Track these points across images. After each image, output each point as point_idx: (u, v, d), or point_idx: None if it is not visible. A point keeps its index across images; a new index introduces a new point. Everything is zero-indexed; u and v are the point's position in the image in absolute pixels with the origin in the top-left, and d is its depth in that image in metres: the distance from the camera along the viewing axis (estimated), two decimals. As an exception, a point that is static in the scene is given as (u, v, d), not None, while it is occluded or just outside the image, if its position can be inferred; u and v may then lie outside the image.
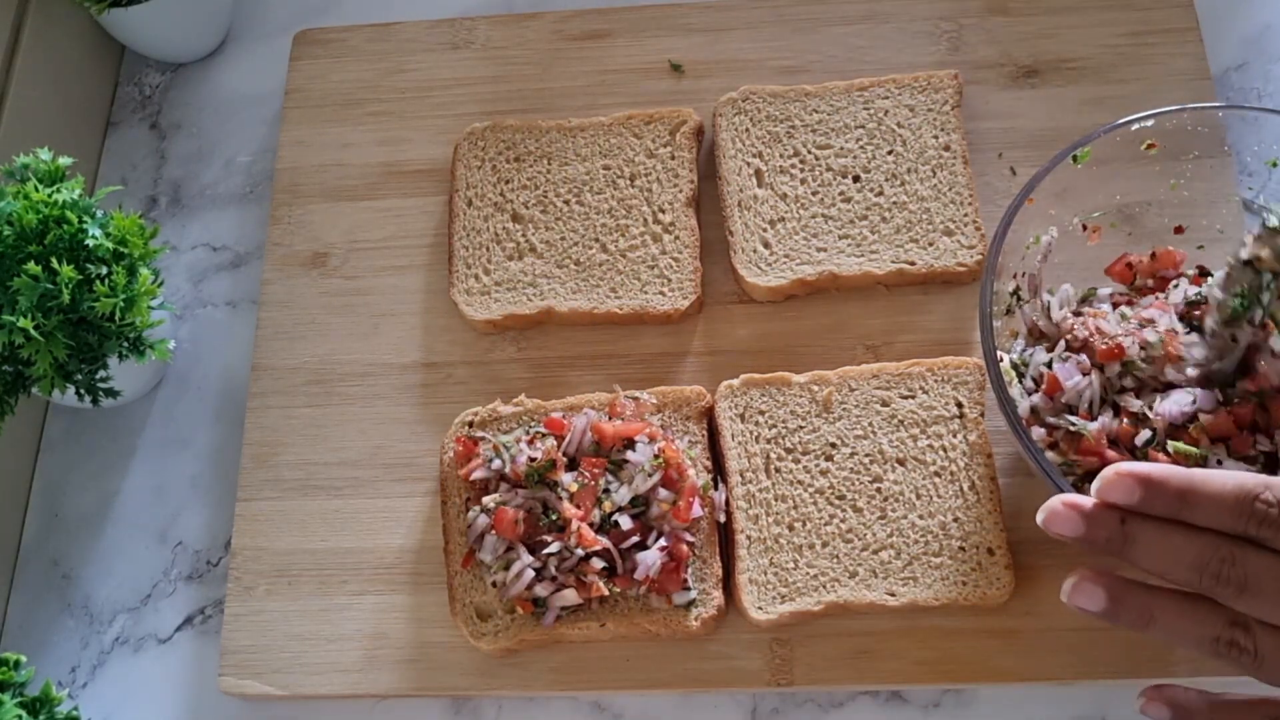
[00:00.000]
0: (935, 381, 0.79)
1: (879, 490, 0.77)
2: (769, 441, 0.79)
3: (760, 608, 0.74)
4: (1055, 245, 0.77)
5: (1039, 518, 0.55)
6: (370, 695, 0.78)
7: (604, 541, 0.73)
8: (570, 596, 0.73)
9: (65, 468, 0.89)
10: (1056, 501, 0.55)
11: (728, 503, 0.77)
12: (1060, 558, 0.76)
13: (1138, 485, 0.53)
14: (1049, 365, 0.73)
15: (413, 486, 0.83)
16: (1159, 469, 0.53)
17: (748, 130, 0.88)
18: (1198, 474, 0.53)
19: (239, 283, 0.94)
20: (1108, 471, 0.54)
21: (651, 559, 0.73)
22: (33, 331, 0.72)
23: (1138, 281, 0.78)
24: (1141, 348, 0.71)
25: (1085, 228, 0.78)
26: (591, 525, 0.74)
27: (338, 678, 0.78)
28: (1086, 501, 0.55)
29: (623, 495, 0.74)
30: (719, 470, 0.79)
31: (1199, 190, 0.77)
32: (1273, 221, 0.64)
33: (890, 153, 0.87)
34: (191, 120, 1.00)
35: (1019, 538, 0.76)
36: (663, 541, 0.74)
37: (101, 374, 0.80)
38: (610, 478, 0.75)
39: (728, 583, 0.76)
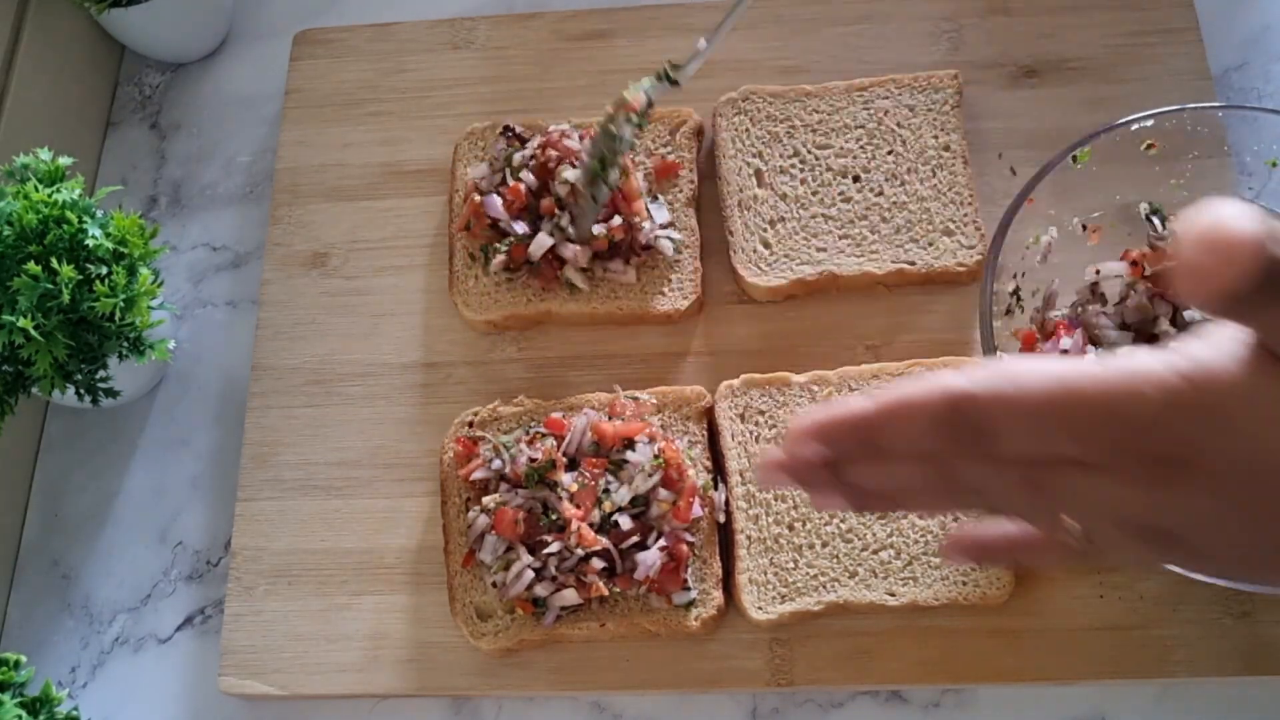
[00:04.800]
0: (935, 381, 0.79)
1: (879, 490, 0.77)
2: (769, 442, 0.79)
3: (760, 608, 0.74)
4: (1055, 245, 0.77)
5: (758, 483, 0.52)
6: (370, 695, 0.78)
7: (604, 541, 0.73)
8: (570, 596, 0.73)
9: (65, 468, 0.89)
10: (761, 462, 0.51)
11: (728, 503, 0.77)
12: (1060, 558, 0.76)
13: (816, 440, 0.47)
14: None
15: (413, 486, 0.83)
16: (831, 414, 0.47)
17: (748, 130, 0.88)
18: (873, 408, 0.46)
19: (239, 283, 0.94)
20: (786, 436, 0.49)
21: (651, 559, 0.73)
22: (33, 331, 0.72)
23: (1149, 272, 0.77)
24: None
25: (1085, 228, 0.78)
26: (591, 525, 0.74)
27: (338, 678, 0.78)
28: (783, 456, 0.49)
29: (623, 495, 0.74)
30: (719, 470, 0.79)
31: (1199, 190, 0.77)
32: (629, 92, 0.78)
33: (890, 153, 0.87)
34: (191, 120, 1.00)
35: (1019, 538, 0.76)
36: (663, 541, 0.74)
37: (101, 374, 0.80)
38: (610, 478, 0.75)
39: (728, 583, 0.76)
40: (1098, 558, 0.51)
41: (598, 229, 0.82)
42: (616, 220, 0.82)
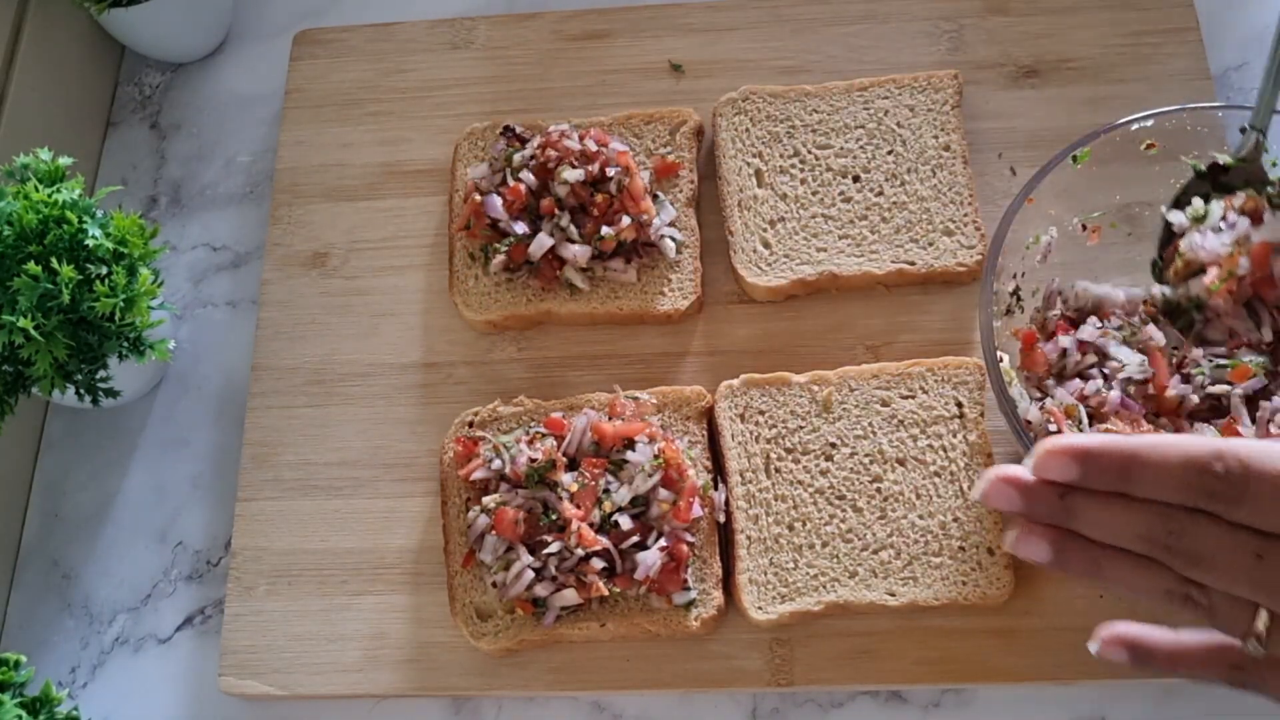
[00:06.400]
0: (935, 381, 0.79)
1: (879, 490, 0.77)
2: (769, 441, 0.79)
3: (760, 608, 0.74)
4: (1055, 245, 0.77)
5: (974, 492, 0.52)
6: (370, 695, 0.78)
7: (604, 541, 0.73)
8: (570, 596, 0.73)
9: (65, 468, 0.89)
10: (993, 474, 0.51)
11: (728, 503, 0.77)
12: (1060, 558, 0.76)
13: (1074, 461, 0.49)
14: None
15: (413, 486, 0.83)
16: (1097, 441, 0.49)
17: (748, 130, 0.88)
18: (1142, 444, 0.49)
19: (239, 283, 0.94)
20: (1040, 448, 0.50)
21: (651, 559, 0.73)
22: (33, 331, 0.72)
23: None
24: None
25: (1085, 228, 0.78)
26: (591, 525, 0.74)
27: (338, 678, 0.78)
28: (1024, 475, 0.51)
29: (623, 495, 0.74)
30: (719, 470, 0.79)
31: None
32: None
33: (890, 153, 0.87)
34: (191, 120, 1.00)
35: (1019, 538, 0.76)
36: (663, 541, 0.74)
37: (101, 374, 0.80)
38: (610, 478, 0.75)
39: (728, 583, 0.76)
40: (1261, 683, 0.51)
41: (606, 230, 0.82)
42: (625, 221, 0.82)
